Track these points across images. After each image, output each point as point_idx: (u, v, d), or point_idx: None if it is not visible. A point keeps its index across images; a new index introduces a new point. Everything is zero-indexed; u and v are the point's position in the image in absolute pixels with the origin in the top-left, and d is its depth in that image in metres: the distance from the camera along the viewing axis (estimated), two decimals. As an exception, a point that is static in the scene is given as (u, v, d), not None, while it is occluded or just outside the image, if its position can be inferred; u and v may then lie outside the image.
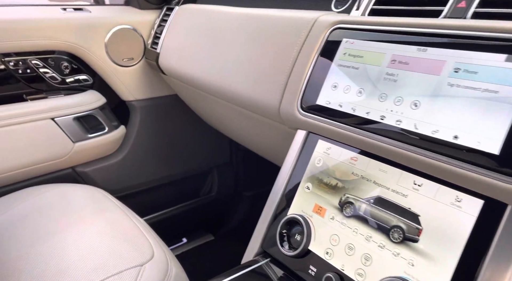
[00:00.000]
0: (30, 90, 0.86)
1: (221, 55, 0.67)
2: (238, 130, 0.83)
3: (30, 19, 0.79)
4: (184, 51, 0.78)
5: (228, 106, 0.73)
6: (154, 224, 0.73)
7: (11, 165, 0.81)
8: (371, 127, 0.42)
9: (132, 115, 0.99)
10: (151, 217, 1.08)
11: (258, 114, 0.62)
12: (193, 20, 0.78)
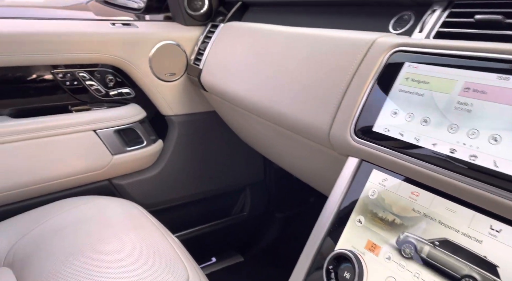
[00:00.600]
0: (75, 101, 0.88)
1: (267, 74, 0.65)
2: (278, 151, 0.80)
3: (81, 32, 0.81)
4: (228, 68, 0.77)
5: (270, 126, 0.71)
6: (184, 241, 0.70)
7: (52, 174, 0.82)
8: (438, 161, 0.38)
9: (170, 130, 0.99)
10: (182, 234, 1.06)
11: (303, 137, 0.59)
12: (239, 38, 0.77)
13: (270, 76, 0.65)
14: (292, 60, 0.61)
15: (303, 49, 0.60)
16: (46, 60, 0.80)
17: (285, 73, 0.62)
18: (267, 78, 0.65)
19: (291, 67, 0.61)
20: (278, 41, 0.66)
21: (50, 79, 0.84)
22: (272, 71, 0.65)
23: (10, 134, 0.77)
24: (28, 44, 0.75)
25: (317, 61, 0.56)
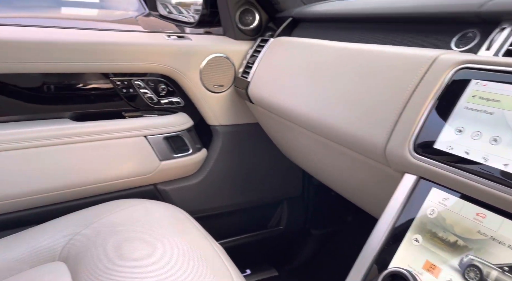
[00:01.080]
0: (129, 108, 0.93)
1: (320, 88, 0.66)
2: (322, 166, 0.80)
3: (140, 43, 0.86)
4: (278, 82, 0.78)
5: (317, 140, 0.71)
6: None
7: (104, 176, 0.86)
8: (510, 183, 0.36)
9: (215, 139, 1.02)
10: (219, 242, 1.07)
11: (355, 151, 0.59)
12: (289, 52, 0.79)
13: (322, 90, 0.65)
14: (345, 75, 0.62)
15: (357, 65, 0.60)
16: (106, 68, 0.85)
17: (338, 88, 0.62)
18: (319, 92, 0.66)
19: (345, 81, 0.61)
20: (331, 56, 0.67)
21: (108, 86, 0.89)
22: (324, 85, 0.65)
23: (71, 136, 0.82)
24: (91, 53, 0.81)
25: (372, 77, 0.56)
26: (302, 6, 0.91)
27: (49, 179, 0.81)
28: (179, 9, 1.27)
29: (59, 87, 0.85)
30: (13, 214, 0.81)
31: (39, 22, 2.19)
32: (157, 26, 2.81)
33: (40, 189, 0.80)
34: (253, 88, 0.88)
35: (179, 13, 1.28)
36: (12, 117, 0.81)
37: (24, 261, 0.65)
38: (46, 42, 0.76)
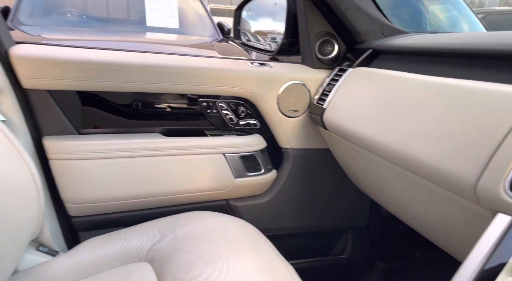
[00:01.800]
0: (210, 127, 1.01)
1: (403, 120, 0.67)
2: (396, 197, 0.79)
3: (227, 69, 0.94)
4: (356, 110, 0.81)
5: (395, 170, 0.71)
6: None
7: (184, 188, 0.94)
8: None
9: (285, 161, 1.05)
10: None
11: (439, 186, 0.58)
12: (370, 83, 0.81)
13: (405, 122, 0.66)
14: (431, 108, 0.62)
15: (445, 99, 0.60)
16: (194, 90, 0.94)
17: (423, 121, 0.62)
18: (402, 123, 0.67)
19: (431, 115, 0.62)
20: (415, 88, 0.68)
21: (195, 106, 0.98)
22: (408, 117, 0.66)
23: (160, 149, 0.91)
24: (183, 76, 0.90)
25: (463, 112, 0.56)
26: (382, 39, 0.93)
27: (138, 186, 0.90)
28: (257, 37, 1.36)
29: (153, 105, 0.96)
30: (107, 215, 0.90)
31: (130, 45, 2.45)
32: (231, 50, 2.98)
33: (130, 195, 0.90)
34: (328, 115, 0.91)
35: (257, 40, 1.37)
36: (113, 130, 0.93)
37: (116, 258, 0.73)
38: (146, 65, 0.86)
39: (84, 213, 0.89)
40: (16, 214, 0.63)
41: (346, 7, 0.90)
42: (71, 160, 0.83)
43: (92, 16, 2.96)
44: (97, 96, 0.89)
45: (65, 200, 0.85)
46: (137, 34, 2.82)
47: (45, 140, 0.83)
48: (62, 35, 2.34)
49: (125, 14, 3.14)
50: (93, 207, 0.88)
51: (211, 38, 3.04)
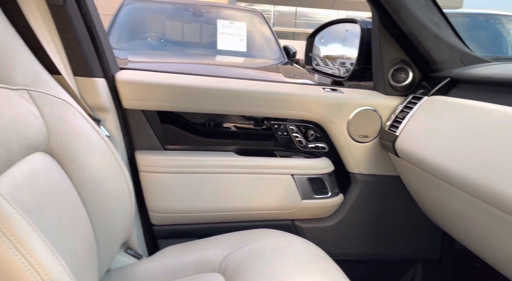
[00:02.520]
0: (280, 148, 1.05)
1: (484, 151, 0.65)
2: (475, 231, 0.76)
3: (299, 94, 0.98)
4: (432, 140, 0.80)
5: (473, 203, 0.68)
6: None
7: (253, 205, 0.99)
8: None
9: (352, 186, 1.06)
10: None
11: None
12: (448, 112, 0.80)
13: (486, 154, 0.64)
14: None
15: None
16: (267, 113, 0.99)
17: (506, 153, 0.60)
18: (483, 155, 0.65)
19: None
20: (498, 120, 0.66)
21: (267, 128, 1.04)
22: (489, 149, 0.64)
23: (233, 167, 0.97)
24: (257, 100, 0.96)
25: None
26: (462, 68, 0.91)
27: (212, 201, 0.97)
28: (326, 61, 1.40)
29: (228, 126, 1.03)
30: (183, 225, 0.98)
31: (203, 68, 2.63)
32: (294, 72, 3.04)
33: (204, 208, 0.97)
34: (401, 142, 0.90)
35: (325, 65, 1.41)
36: (192, 147, 1.01)
37: (192, 266, 0.79)
38: (224, 90, 0.94)
39: (164, 222, 0.97)
40: (114, 218, 0.73)
41: (423, 36, 0.90)
42: (157, 173, 0.93)
43: (169, 39, 3.24)
44: (181, 116, 0.99)
45: (149, 209, 0.95)
46: (208, 57, 3.03)
47: (137, 154, 0.93)
48: (144, 58, 2.59)
49: (198, 37, 3.38)
50: (172, 217, 0.96)
51: (277, 61, 3.14)
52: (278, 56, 3.25)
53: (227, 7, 3.99)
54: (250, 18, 3.54)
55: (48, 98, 0.67)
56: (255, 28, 3.50)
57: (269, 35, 3.50)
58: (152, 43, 3.14)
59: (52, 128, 0.67)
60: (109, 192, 0.72)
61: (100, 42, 0.85)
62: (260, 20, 3.61)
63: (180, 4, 3.46)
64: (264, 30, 3.53)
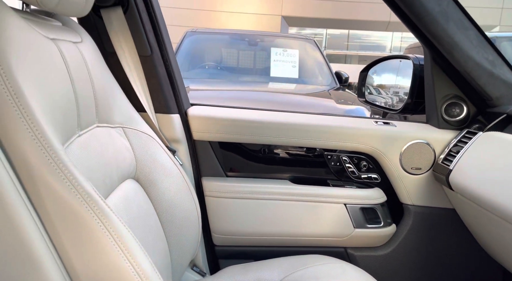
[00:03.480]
0: (333, 178, 1.11)
1: None
2: None
3: (352, 127, 1.04)
4: (488, 175, 0.81)
5: None
6: None
7: (306, 231, 1.05)
8: None
9: (405, 217, 1.08)
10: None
11: None
12: (505, 149, 0.81)
13: None
14: None
15: None
16: (321, 145, 1.06)
17: None
18: None
19: None
20: None
21: (321, 158, 1.10)
22: None
23: (288, 195, 1.04)
24: (312, 132, 1.04)
25: None
26: (519, 104, 0.92)
27: (268, 225, 1.04)
28: (379, 90, 1.45)
29: (285, 156, 1.12)
30: (241, 247, 1.07)
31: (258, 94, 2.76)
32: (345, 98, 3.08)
33: (261, 232, 1.04)
34: (455, 176, 0.92)
35: (378, 93, 1.45)
36: (250, 174, 1.11)
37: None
38: (282, 123, 1.03)
39: (225, 243, 1.07)
40: (185, 238, 0.83)
41: (478, 74, 0.92)
42: (221, 198, 1.03)
43: (226, 67, 3.45)
44: (240, 145, 1.09)
45: (213, 230, 1.05)
46: (262, 84, 3.18)
47: (203, 180, 1.05)
48: (204, 86, 2.80)
49: (252, 65, 3.57)
50: (232, 238, 1.05)
51: (329, 86, 3.20)
52: (330, 81, 3.31)
53: (281, 35, 4.16)
54: (303, 45, 3.66)
55: (137, 133, 0.81)
56: (307, 55, 3.60)
57: (321, 61, 3.58)
58: (211, 71, 3.37)
59: (139, 158, 0.80)
60: (182, 215, 0.83)
61: (177, 84, 1.00)
62: (312, 47, 3.72)
63: (237, 34, 3.69)
64: (316, 57, 3.62)
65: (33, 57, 0.51)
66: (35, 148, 0.45)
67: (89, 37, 0.74)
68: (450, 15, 0.90)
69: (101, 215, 0.47)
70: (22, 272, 0.44)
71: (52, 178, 0.46)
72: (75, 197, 0.46)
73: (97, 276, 0.47)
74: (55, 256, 0.46)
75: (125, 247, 0.48)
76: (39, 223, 0.46)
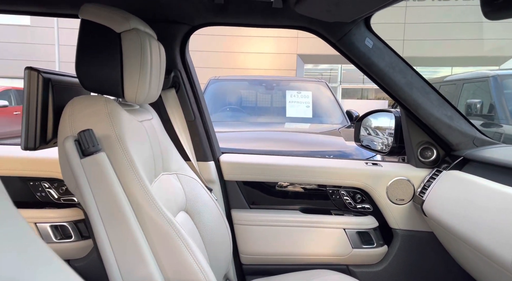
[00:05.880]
0: (334, 208, 1.39)
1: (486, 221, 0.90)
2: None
3: (348, 168, 1.34)
4: (448, 205, 1.07)
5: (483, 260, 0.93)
6: None
7: (313, 252, 1.32)
8: None
9: (395, 239, 1.34)
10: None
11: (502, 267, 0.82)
12: (459, 185, 1.08)
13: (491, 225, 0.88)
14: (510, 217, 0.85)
15: None
16: (324, 182, 1.36)
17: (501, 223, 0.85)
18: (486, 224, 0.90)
19: (508, 221, 0.84)
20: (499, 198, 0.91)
21: (324, 192, 1.40)
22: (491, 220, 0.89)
23: (299, 222, 1.33)
24: (317, 173, 1.34)
25: None
26: (474, 149, 1.20)
27: (285, 248, 1.32)
28: (376, 132, 1.74)
29: (296, 191, 1.41)
30: (262, 265, 1.35)
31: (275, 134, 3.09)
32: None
33: (277, 253, 1.32)
34: (426, 205, 1.19)
35: (376, 134, 1.74)
36: (269, 206, 1.41)
37: None
38: (296, 166, 1.34)
39: (250, 262, 1.35)
40: (221, 256, 1.13)
41: (439, 126, 1.22)
42: (246, 225, 1.33)
43: (245, 110, 3.84)
44: (263, 184, 1.40)
45: (240, 251, 1.34)
46: (279, 124, 3.52)
47: (232, 211, 1.35)
48: (226, 128, 3.16)
49: (269, 106, 3.94)
50: (256, 258, 1.34)
51: (340, 124, 3.50)
52: (341, 120, 3.63)
53: (295, 79, 4.57)
54: (315, 87, 4.02)
55: (186, 178, 1.14)
56: (320, 96, 3.96)
57: (333, 101, 3.92)
58: (232, 114, 3.76)
59: (188, 196, 1.12)
60: (218, 238, 1.13)
61: (212, 139, 1.34)
62: (325, 88, 4.08)
63: (255, 80, 4.11)
64: (328, 97, 3.97)
65: (133, 133, 0.86)
66: (138, 187, 0.78)
67: (156, 114, 1.09)
68: (414, 84, 1.21)
69: (176, 229, 0.78)
70: (134, 261, 0.76)
71: (146, 204, 0.78)
72: (160, 217, 0.78)
73: (175, 268, 0.77)
74: (152, 254, 0.77)
75: (191, 250, 0.78)
76: (142, 232, 0.78)
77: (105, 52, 0.84)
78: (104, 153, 0.77)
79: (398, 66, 1.20)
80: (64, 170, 0.81)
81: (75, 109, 0.81)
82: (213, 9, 1.15)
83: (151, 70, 0.88)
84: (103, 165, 0.76)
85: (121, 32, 0.84)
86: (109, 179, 0.76)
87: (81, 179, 0.75)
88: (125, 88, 0.85)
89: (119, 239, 0.76)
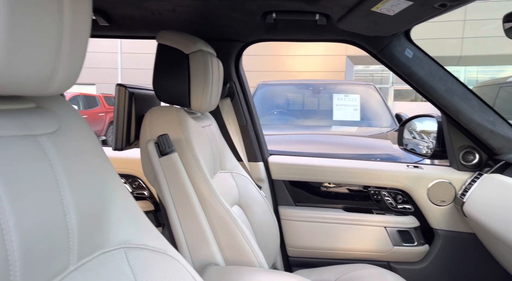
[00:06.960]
0: (376, 207, 1.47)
1: None
2: None
3: (389, 170, 1.42)
4: (487, 207, 1.12)
5: None
6: None
7: (355, 247, 1.42)
8: None
9: (436, 239, 1.39)
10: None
11: None
12: (500, 188, 1.12)
13: None
14: None
15: None
16: (366, 183, 1.44)
17: None
18: None
19: None
20: None
21: (366, 192, 1.48)
22: None
23: (342, 220, 1.43)
24: (360, 174, 1.43)
25: None
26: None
27: (328, 243, 1.43)
28: (421, 135, 1.78)
29: (339, 191, 1.52)
30: (306, 258, 1.47)
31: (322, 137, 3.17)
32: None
33: (321, 247, 1.44)
34: (466, 207, 1.24)
35: (421, 138, 1.79)
36: (313, 204, 1.52)
37: None
38: (338, 167, 1.45)
39: (296, 255, 1.48)
40: (270, 246, 1.27)
41: (480, 131, 1.26)
42: (292, 221, 1.46)
43: (293, 114, 3.96)
44: (308, 183, 1.52)
45: (287, 244, 1.47)
46: (325, 127, 3.60)
47: (279, 208, 1.49)
48: (274, 131, 3.31)
49: (316, 109, 4.02)
50: (301, 251, 1.46)
51: (389, 128, 3.49)
52: (390, 123, 3.61)
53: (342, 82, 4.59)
54: (364, 90, 4.03)
55: (239, 176, 1.30)
56: (368, 99, 3.96)
57: (382, 104, 3.90)
58: (279, 117, 3.90)
59: (241, 191, 1.28)
60: (267, 230, 1.28)
61: (261, 141, 1.49)
62: (373, 91, 4.07)
63: (302, 84, 4.21)
64: (377, 100, 3.96)
65: (198, 137, 1.03)
66: (203, 182, 0.95)
67: (214, 120, 1.27)
68: (454, 91, 1.27)
69: (233, 218, 0.94)
70: (200, 243, 0.93)
71: (209, 196, 0.95)
72: (220, 207, 0.94)
73: (232, 249, 0.93)
74: (214, 237, 0.94)
75: (245, 235, 0.94)
76: (205, 219, 0.94)
77: (176, 70, 1.02)
78: (176, 153, 0.95)
79: (438, 75, 1.26)
80: (145, 166, 1.00)
81: (153, 117, 1.00)
82: (264, 27, 1.30)
83: (212, 83, 1.05)
84: (176, 163, 0.94)
85: (189, 53, 1.02)
86: (180, 174, 0.94)
87: (159, 174, 0.93)
88: (191, 99, 1.03)
89: (188, 224, 0.93)
